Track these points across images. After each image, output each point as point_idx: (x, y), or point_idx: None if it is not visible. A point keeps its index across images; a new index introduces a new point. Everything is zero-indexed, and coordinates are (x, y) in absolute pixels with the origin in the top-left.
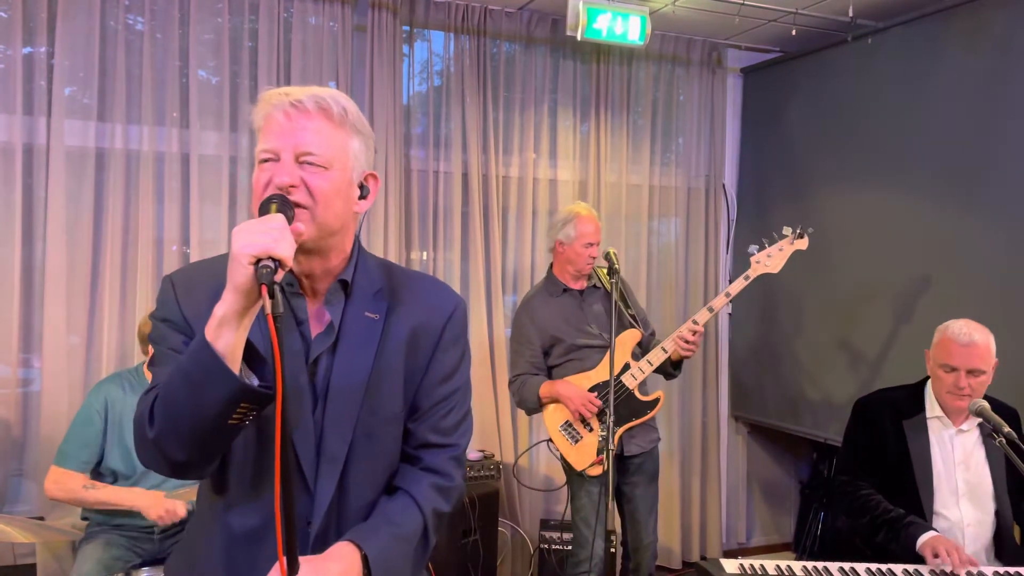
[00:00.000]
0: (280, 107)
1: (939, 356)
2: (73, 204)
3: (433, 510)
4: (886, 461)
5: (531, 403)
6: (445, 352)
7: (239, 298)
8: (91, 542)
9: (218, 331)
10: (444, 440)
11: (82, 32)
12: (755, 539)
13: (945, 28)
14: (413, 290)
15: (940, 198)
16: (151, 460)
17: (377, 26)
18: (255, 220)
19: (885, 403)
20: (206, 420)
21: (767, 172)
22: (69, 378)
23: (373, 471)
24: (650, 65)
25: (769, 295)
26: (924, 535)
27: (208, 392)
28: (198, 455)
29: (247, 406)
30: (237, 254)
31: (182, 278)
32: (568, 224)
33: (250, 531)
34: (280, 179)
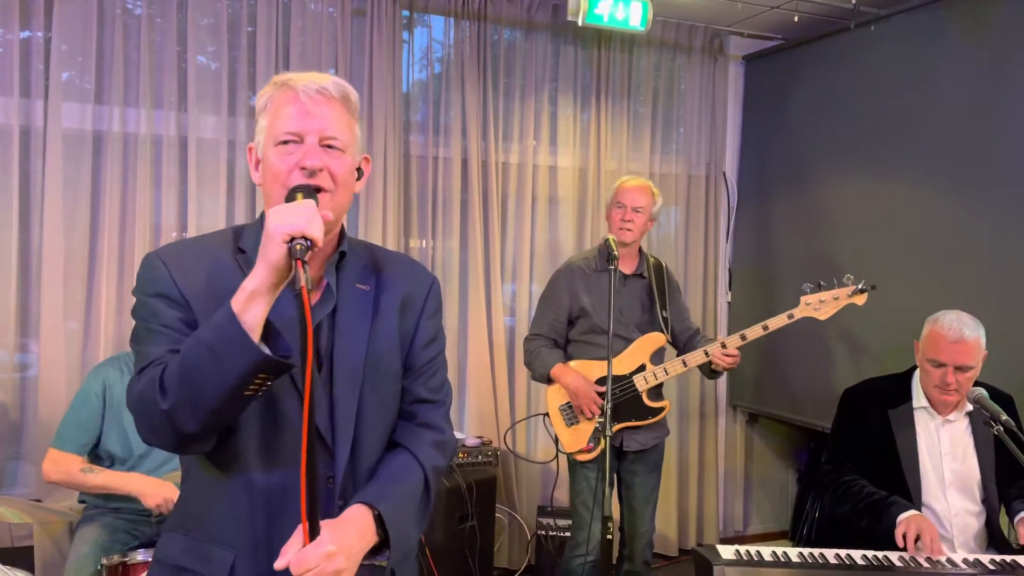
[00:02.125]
0: (306, 92)
1: (927, 350)
2: (70, 188)
3: (433, 467)
4: (872, 451)
5: (539, 376)
6: (429, 319)
7: (271, 273)
8: (88, 524)
9: (247, 304)
10: (435, 396)
11: (80, 15)
12: (752, 527)
13: (948, 15)
14: (395, 265)
15: (941, 186)
16: (158, 434)
17: (376, 11)
18: (290, 203)
19: (872, 393)
20: (225, 391)
21: (768, 160)
22: (67, 362)
23: (380, 427)
24: (651, 52)
25: (768, 282)
26: (903, 514)
27: (231, 363)
28: (210, 425)
29: (264, 376)
30: (273, 232)
31: (172, 256)
32: (612, 190)
33: (274, 492)
34: (312, 162)
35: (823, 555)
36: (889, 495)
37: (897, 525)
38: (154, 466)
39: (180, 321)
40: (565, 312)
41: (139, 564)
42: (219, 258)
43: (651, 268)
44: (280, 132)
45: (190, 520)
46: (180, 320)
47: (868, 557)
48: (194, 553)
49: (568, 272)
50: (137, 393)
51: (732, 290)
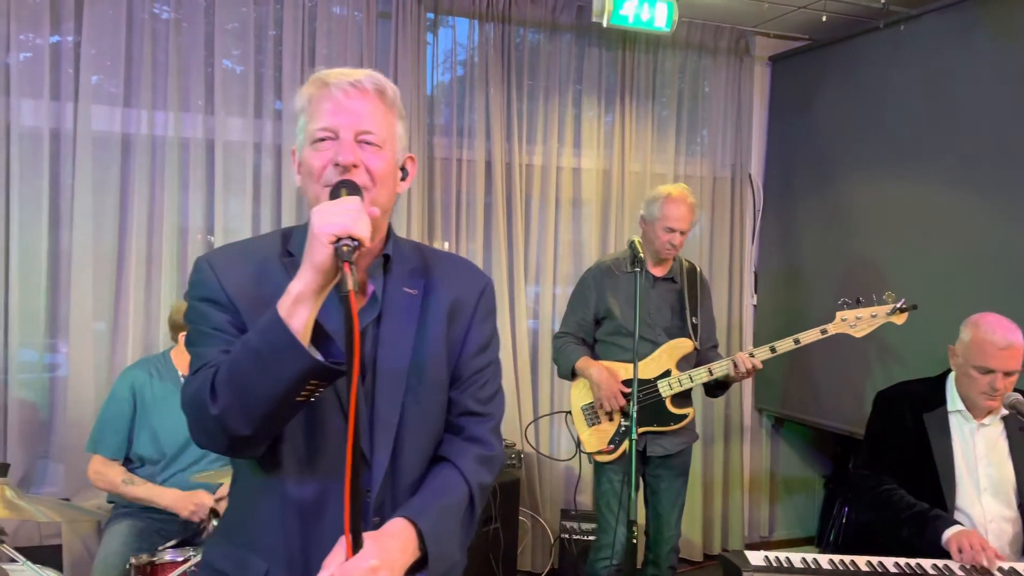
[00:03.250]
0: (339, 86)
1: (974, 357)
2: (99, 190)
3: (479, 483)
4: (907, 455)
5: (564, 371)
6: (480, 325)
7: (317, 276)
8: (117, 523)
9: (293, 308)
10: (483, 409)
11: (109, 19)
12: (777, 533)
13: (980, 15)
14: (446, 268)
15: (971, 189)
16: (211, 436)
17: (401, 13)
18: (333, 201)
19: (905, 396)
20: (275, 397)
21: (794, 162)
22: (95, 363)
23: (422, 439)
24: (676, 53)
25: (794, 285)
26: (950, 529)
27: (280, 369)
28: (262, 431)
29: (316, 383)
30: (318, 233)
31: (220, 259)
32: (655, 203)
33: (310, 502)
34: (345, 157)
35: (854, 562)
36: (932, 507)
37: (947, 542)
38: (183, 467)
39: (230, 324)
40: (591, 312)
41: (167, 564)
42: (267, 262)
43: (684, 273)
44: (314, 129)
45: (233, 525)
46: (230, 323)
47: (901, 565)
48: (233, 559)
49: (597, 272)
50: (190, 395)
51: (758, 293)
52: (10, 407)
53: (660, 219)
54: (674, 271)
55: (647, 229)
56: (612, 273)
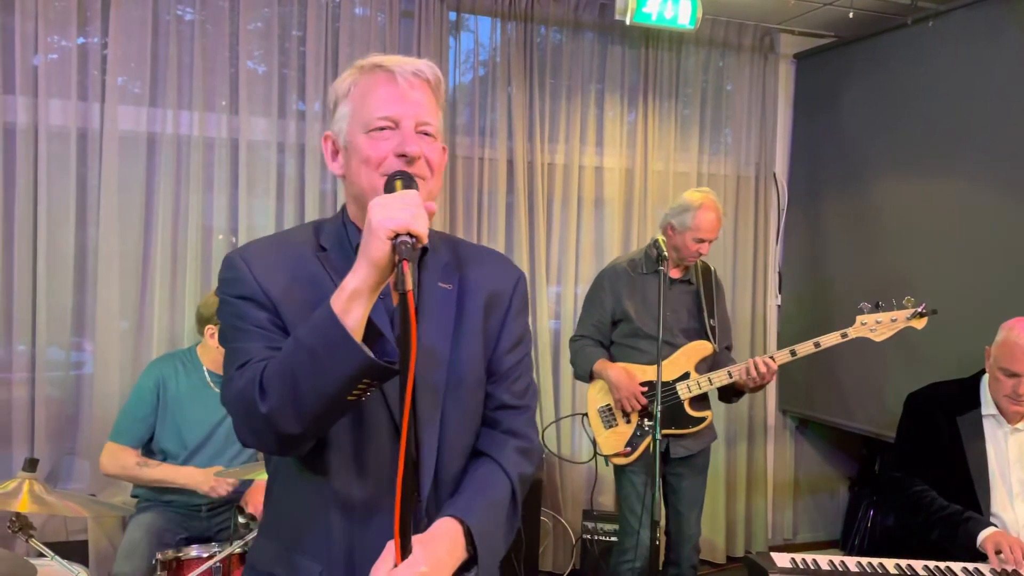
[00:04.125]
0: (402, 73)
1: (1001, 359)
2: (125, 189)
3: (519, 475)
4: (939, 458)
5: (582, 372)
6: (515, 320)
7: (374, 272)
8: (140, 515)
9: (348, 304)
10: (519, 402)
11: (135, 20)
12: (801, 535)
13: (1010, 10)
14: (480, 262)
15: (1002, 189)
16: (258, 435)
17: (424, 12)
18: (392, 195)
19: (938, 398)
20: (327, 395)
21: (820, 161)
22: (120, 361)
23: (464, 437)
24: (700, 51)
25: (819, 285)
26: (985, 531)
27: (333, 367)
28: (311, 429)
29: (368, 382)
30: (377, 228)
31: (254, 255)
32: (687, 212)
33: (359, 505)
34: (412, 148)
35: (882, 565)
36: (964, 510)
37: (983, 543)
38: (204, 461)
39: (270, 322)
40: (608, 314)
41: (192, 560)
42: (301, 257)
43: (699, 274)
44: (373, 117)
45: (282, 526)
46: (270, 320)
47: (930, 568)
48: (284, 561)
49: (612, 273)
50: (236, 392)
51: (782, 293)
52: (37, 404)
53: (692, 229)
54: (690, 272)
55: (675, 237)
56: (628, 275)
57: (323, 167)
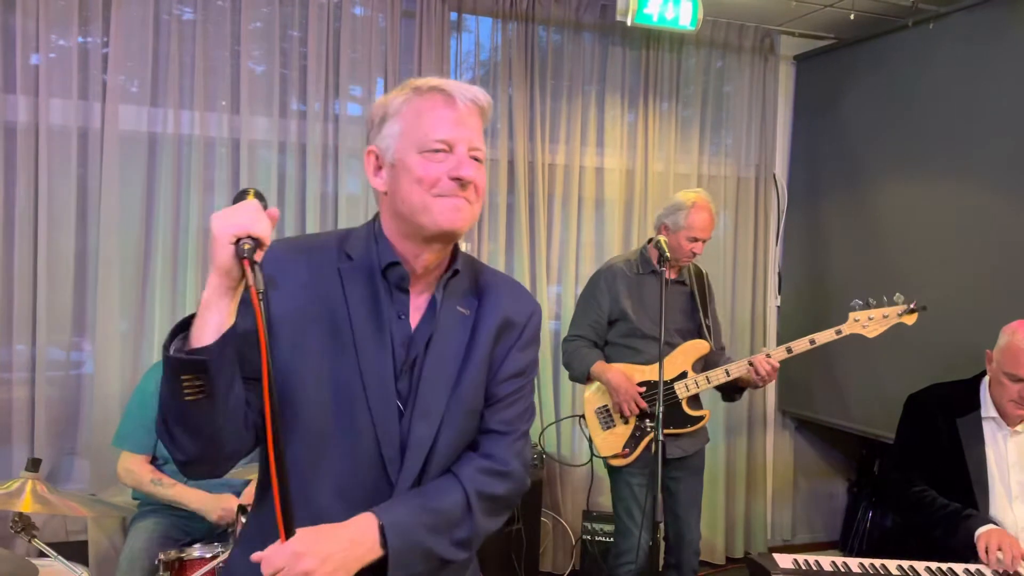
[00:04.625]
0: (462, 99)
1: (1006, 363)
2: (126, 188)
3: (477, 490)
4: (939, 460)
5: (578, 374)
6: (522, 351)
7: (220, 278)
8: (144, 519)
9: (204, 315)
10: (505, 428)
11: (136, 20)
12: (800, 536)
13: (1011, 12)
14: (498, 290)
15: (1003, 190)
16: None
17: (426, 12)
18: (233, 206)
19: (939, 400)
20: (170, 406)
21: (820, 163)
22: (120, 362)
23: (451, 460)
24: (700, 52)
25: (819, 286)
26: (982, 528)
27: (166, 373)
28: (189, 447)
29: (190, 376)
30: (218, 235)
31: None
32: (680, 212)
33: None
34: (467, 173)
35: (884, 566)
36: (964, 508)
37: (977, 539)
38: None
39: None
40: (606, 314)
41: (195, 560)
42: (322, 267)
43: (692, 275)
44: (430, 139)
45: (248, 532)
46: None
47: (932, 569)
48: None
49: (609, 273)
50: None
51: (782, 294)
52: (38, 404)
53: (686, 228)
54: (683, 274)
55: (668, 237)
56: (624, 275)
57: (324, 168)
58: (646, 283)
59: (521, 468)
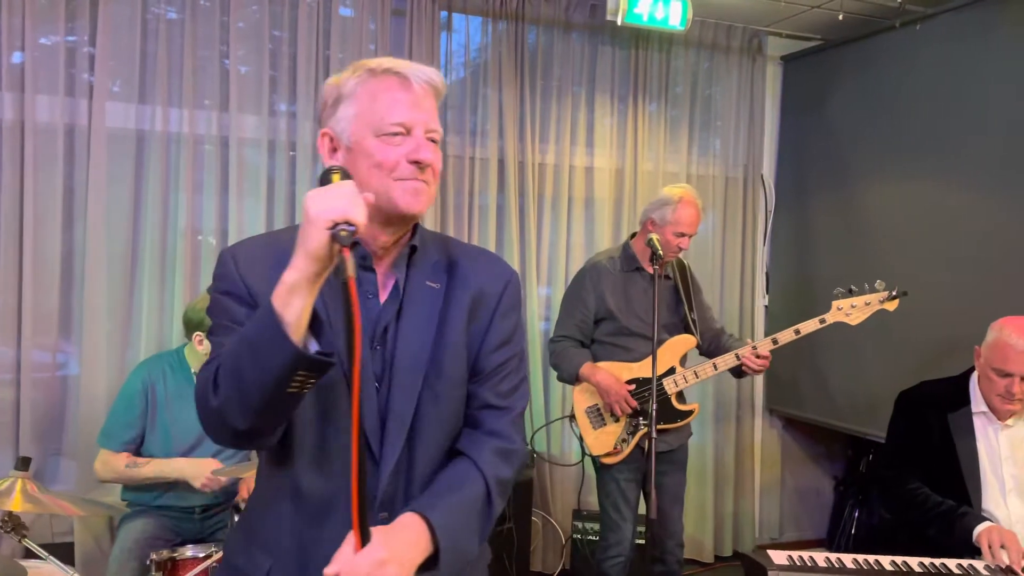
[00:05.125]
0: (417, 80)
1: (993, 359)
2: (113, 187)
3: (496, 477)
4: (931, 456)
5: (567, 375)
6: (503, 319)
7: (311, 263)
8: (133, 520)
9: (288, 298)
10: (503, 402)
11: (124, 17)
12: (788, 534)
13: (998, 14)
14: (471, 261)
15: (989, 188)
16: (214, 430)
17: (416, 11)
18: (329, 186)
19: (929, 396)
20: (266, 388)
21: (807, 163)
22: (107, 362)
23: (438, 435)
24: (689, 52)
25: (806, 285)
26: (981, 525)
27: (270, 359)
28: (260, 424)
29: (305, 374)
30: (315, 218)
31: (243, 253)
32: (667, 206)
33: (318, 499)
34: (426, 156)
35: (878, 561)
36: (959, 505)
37: (978, 538)
38: None
39: (248, 318)
40: (592, 312)
41: (188, 560)
42: (288, 255)
43: (675, 269)
44: (387, 122)
45: (248, 519)
46: (248, 317)
47: (925, 564)
48: (245, 553)
49: (594, 271)
50: (198, 389)
51: (769, 293)
52: (23, 405)
53: (672, 223)
54: (667, 268)
55: (655, 232)
56: (609, 272)
57: (314, 169)
58: (631, 280)
59: (523, 446)
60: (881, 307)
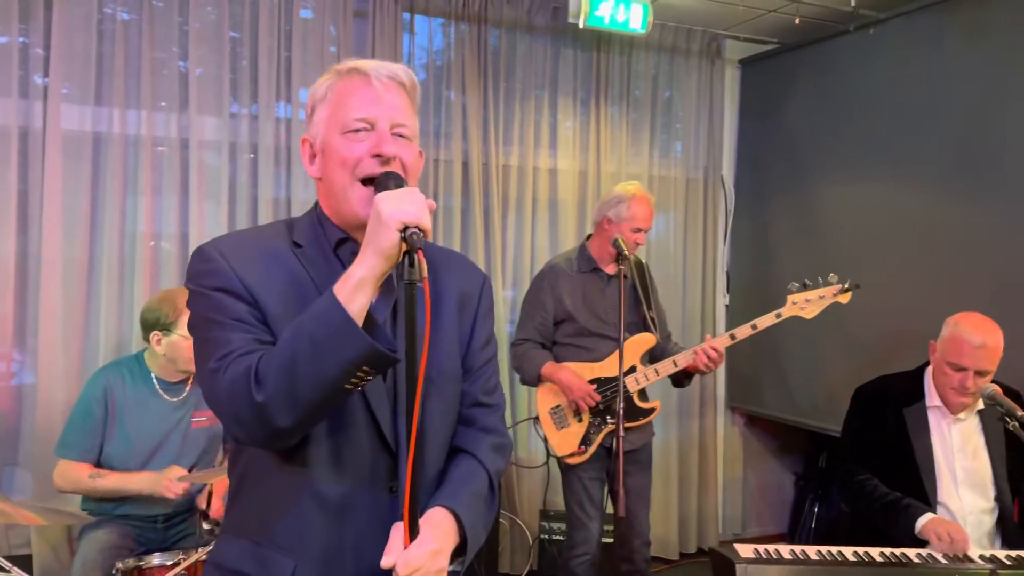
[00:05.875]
0: (378, 76)
1: (948, 353)
2: (70, 190)
3: (496, 471)
4: (888, 450)
5: (529, 377)
6: (484, 320)
7: (382, 262)
8: (94, 530)
9: (353, 293)
10: (490, 400)
11: (79, 18)
12: (750, 530)
13: (948, 18)
14: (448, 263)
15: (941, 188)
16: (249, 426)
17: (379, 13)
18: (400, 190)
19: (886, 391)
20: (326, 383)
21: (765, 164)
22: (65, 370)
23: (443, 432)
24: (649, 55)
25: (765, 284)
26: (923, 517)
27: (335, 353)
28: (304, 421)
29: (366, 370)
30: (388, 219)
31: (230, 248)
32: (621, 203)
33: (336, 499)
34: (387, 149)
35: (841, 552)
36: (904, 496)
37: (923, 531)
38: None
39: (250, 315)
40: (551, 315)
41: (155, 568)
42: (276, 251)
43: (633, 268)
44: (349, 119)
45: (250, 524)
46: (249, 313)
47: (886, 554)
48: (254, 558)
49: (552, 274)
50: (226, 384)
51: (730, 292)
52: None
53: (628, 219)
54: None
55: (611, 229)
56: (567, 274)
57: (276, 172)
58: (588, 281)
59: (510, 439)
60: (835, 300)
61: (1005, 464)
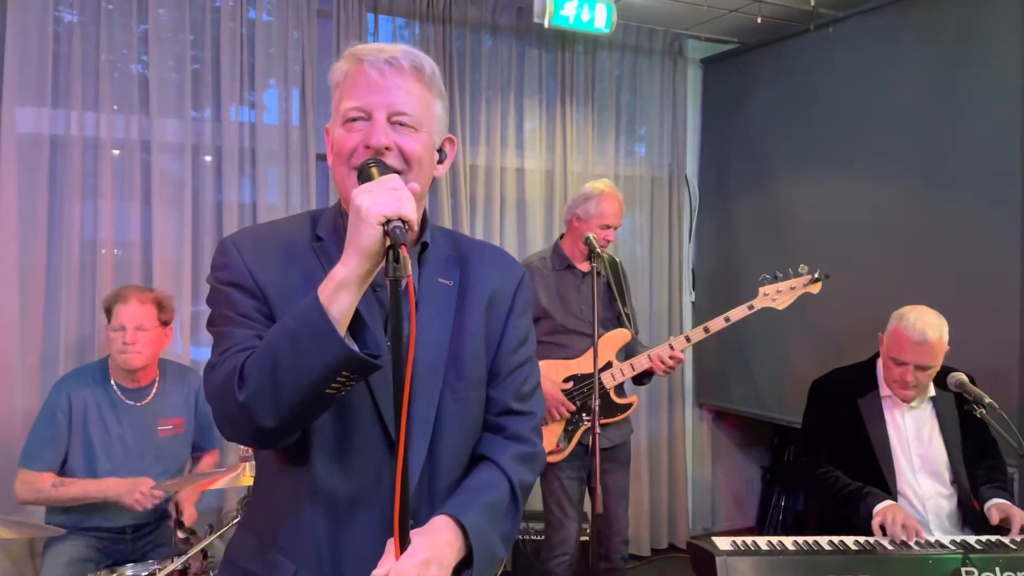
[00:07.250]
0: (374, 63)
1: (891, 347)
2: (26, 194)
3: (520, 481)
4: (845, 440)
5: None
6: (519, 318)
7: (364, 260)
8: (59, 543)
9: (335, 294)
10: (524, 407)
11: (33, 19)
12: (720, 524)
13: (904, 17)
14: (482, 257)
15: (900, 183)
16: (236, 425)
17: (343, 12)
18: (375, 181)
19: (840, 383)
20: (305, 385)
21: (728, 162)
22: (23, 380)
23: (461, 438)
24: (613, 55)
25: (730, 280)
26: (879, 504)
27: (314, 355)
28: (289, 424)
29: (347, 375)
30: (366, 215)
31: (247, 242)
32: (590, 200)
33: (341, 503)
34: (376, 140)
35: (817, 542)
36: (864, 486)
37: (874, 516)
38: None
39: (257, 311)
40: None
41: None
42: (295, 246)
43: (607, 265)
44: (346, 108)
45: (260, 521)
46: (256, 310)
47: (860, 542)
48: (261, 558)
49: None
50: (217, 381)
51: (696, 290)
52: None
53: (597, 216)
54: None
55: (581, 227)
56: (541, 273)
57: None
58: (563, 279)
59: (543, 449)
60: (806, 290)
61: (960, 449)
